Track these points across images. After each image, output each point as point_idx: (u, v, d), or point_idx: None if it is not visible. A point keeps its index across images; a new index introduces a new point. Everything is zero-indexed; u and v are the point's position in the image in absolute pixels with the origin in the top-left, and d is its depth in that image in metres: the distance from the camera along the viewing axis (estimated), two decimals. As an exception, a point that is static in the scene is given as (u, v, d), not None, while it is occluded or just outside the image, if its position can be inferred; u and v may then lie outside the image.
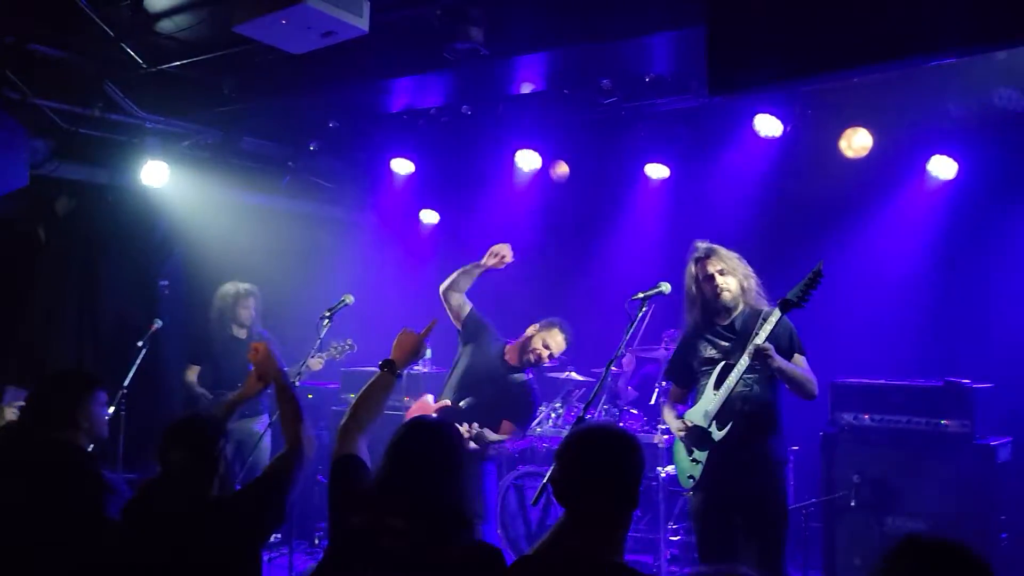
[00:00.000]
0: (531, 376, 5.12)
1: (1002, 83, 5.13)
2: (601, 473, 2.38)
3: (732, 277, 4.19)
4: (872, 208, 6.28)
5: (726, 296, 4.18)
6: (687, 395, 4.45)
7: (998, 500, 5.00)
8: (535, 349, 4.97)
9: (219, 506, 2.78)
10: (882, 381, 5.39)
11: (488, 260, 5.02)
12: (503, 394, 4.97)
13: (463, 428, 4.66)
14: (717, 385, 4.08)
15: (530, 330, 5.08)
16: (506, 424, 4.93)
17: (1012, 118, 5.22)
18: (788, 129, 5.96)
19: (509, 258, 4.98)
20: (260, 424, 6.20)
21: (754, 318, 4.11)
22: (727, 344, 4.16)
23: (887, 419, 5.28)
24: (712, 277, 4.18)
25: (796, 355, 4.10)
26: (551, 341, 5.01)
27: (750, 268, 4.28)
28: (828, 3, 3.45)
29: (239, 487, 3.03)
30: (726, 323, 4.22)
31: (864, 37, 3.38)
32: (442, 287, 5.17)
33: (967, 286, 5.94)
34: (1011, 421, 5.32)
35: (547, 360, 5.07)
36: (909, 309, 5.99)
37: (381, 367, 3.09)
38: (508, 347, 5.10)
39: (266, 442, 6.08)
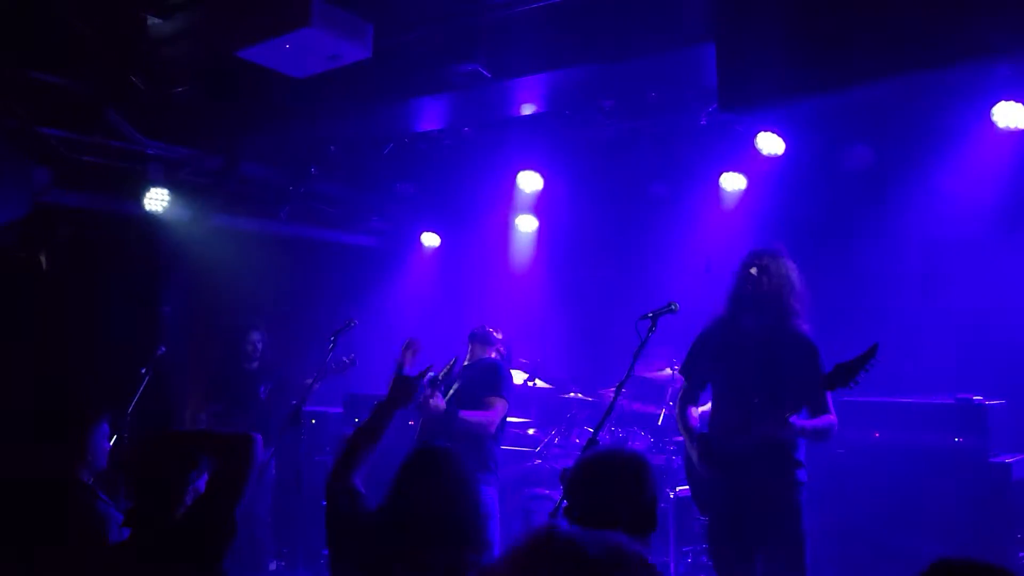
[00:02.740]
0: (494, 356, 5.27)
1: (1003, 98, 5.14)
2: (617, 496, 2.35)
3: (768, 278, 4.00)
4: (877, 224, 6.25)
5: (750, 290, 4.00)
6: (700, 395, 4.34)
7: (1014, 518, 4.94)
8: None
9: (173, 531, 2.78)
10: (892, 398, 5.34)
11: None
12: (470, 382, 5.12)
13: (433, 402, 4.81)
14: (742, 419, 3.95)
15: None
16: (489, 401, 4.98)
17: (1014, 133, 5.22)
18: (790, 147, 5.95)
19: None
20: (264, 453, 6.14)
21: (786, 337, 3.98)
22: (751, 360, 4.00)
23: (898, 437, 5.23)
24: (748, 265, 4.04)
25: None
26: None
27: (797, 284, 4.07)
28: (834, 18, 3.45)
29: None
30: (751, 330, 4.03)
31: (873, 50, 3.39)
32: None
33: (976, 301, 5.89)
34: (1026, 438, 5.26)
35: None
36: (918, 325, 5.94)
37: (376, 408, 3.11)
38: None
39: (271, 472, 6.02)
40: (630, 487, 2.43)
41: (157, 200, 6.72)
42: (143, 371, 5.96)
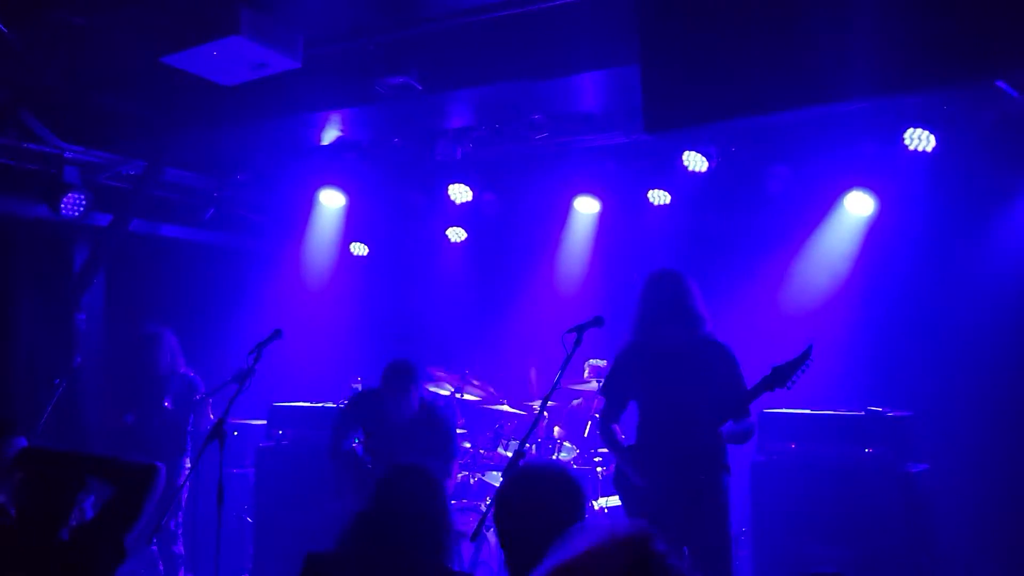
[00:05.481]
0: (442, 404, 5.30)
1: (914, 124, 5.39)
2: (544, 519, 2.34)
3: (669, 294, 4.27)
4: (795, 241, 6.47)
5: (654, 308, 4.26)
6: (621, 414, 4.49)
7: (921, 525, 5.14)
8: None
9: (57, 551, 2.75)
10: (807, 411, 5.52)
11: None
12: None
13: None
14: (671, 431, 4.09)
15: None
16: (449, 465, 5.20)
17: (923, 157, 5.48)
18: (714, 164, 6.12)
19: None
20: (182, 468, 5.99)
21: (701, 346, 4.21)
22: (673, 374, 4.20)
23: (813, 448, 5.41)
24: (649, 285, 4.28)
25: None
26: None
27: (698, 295, 4.35)
28: (756, 45, 3.58)
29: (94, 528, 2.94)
30: (667, 345, 4.25)
31: (789, 79, 3.53)
32: None
33: (887, 317, 6.13)
34: (931, 448, 5.48)
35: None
36: (833, 339, 6.16)
37: None
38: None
39: (186, 488, 5.87)
40: (552, 506, 2.42)
41: (73, 205, 6.51)
42: (57, 382, 5.76)
